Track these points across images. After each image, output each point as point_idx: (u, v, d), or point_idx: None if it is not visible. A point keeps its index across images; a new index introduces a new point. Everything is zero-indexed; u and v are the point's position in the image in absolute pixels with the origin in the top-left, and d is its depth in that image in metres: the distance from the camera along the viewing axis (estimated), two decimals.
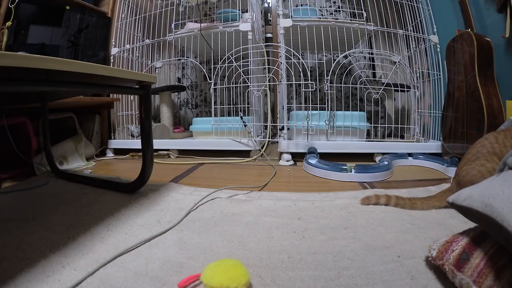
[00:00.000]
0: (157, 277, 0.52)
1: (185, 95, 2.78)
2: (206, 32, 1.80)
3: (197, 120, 1.98)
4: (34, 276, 0.53)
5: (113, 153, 1.96)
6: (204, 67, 2.07)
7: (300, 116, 1.62)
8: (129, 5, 2.11)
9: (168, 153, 1.82)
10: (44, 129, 1.36)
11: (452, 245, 0.51)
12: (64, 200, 0.98)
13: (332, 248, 0.62)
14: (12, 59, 0.51)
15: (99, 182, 1.18)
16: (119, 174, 1.36)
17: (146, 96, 1.00)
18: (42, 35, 1.55)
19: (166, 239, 0.68)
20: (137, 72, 1.08)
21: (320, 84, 1.76)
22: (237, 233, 0.70)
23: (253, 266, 0.55)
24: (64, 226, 0.75)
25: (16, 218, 0.82)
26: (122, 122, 2.06)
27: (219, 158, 1.69)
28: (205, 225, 0.75)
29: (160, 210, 0.86)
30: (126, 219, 0.79)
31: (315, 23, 1.63)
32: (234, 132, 1.73)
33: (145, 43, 2.07)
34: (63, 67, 0.62)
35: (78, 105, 1.81)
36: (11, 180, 1.30)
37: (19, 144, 1.39)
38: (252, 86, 1.70)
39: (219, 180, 1.24)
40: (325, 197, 0.95)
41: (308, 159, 1.38)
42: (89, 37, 1.84)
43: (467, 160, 0.86)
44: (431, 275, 0.51)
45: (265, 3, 2.56)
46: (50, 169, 1.39)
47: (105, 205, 0.90)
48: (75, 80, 0.74)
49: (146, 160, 1.02)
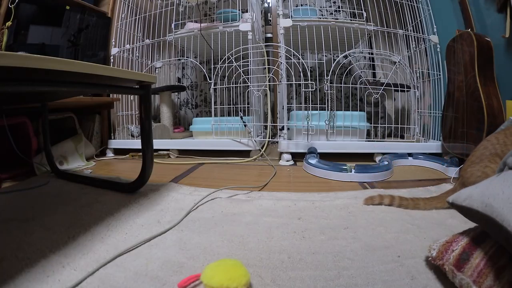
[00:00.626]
0: (157, 277, 0.52)
1: (185, 95, 2.78)
2: (206, 32, 1.80)
3: (197, 120, 1.98)
4: (34, 276, 0.53)
5: (113, 153, 1.96)
6: (204, 67, 2.07)
7: (300, 116, 1.62)
8: (129, 5, 2.11)
9: (168, 153, 1.82)
10: (44, 129, 1.36)
11: (452, 245, 0.51)
12: (64, 200, 0.98)
13: (332, 248, 0.62)
14: (12, 59, 0.51)
15: (99, 182, 1.18)
16: (119, 174, 1.36)
17: (146, 96, 1.00)
18: (42, 35, 1.55)
19: (166, 239, 0.68)
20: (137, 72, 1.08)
21: (320, 84, 1.76)
22: (237, 233, 0.70)
23: (253, 266, 0.55)
24: (64, 226, 0.75)
25: (16, 218, 0.81)
26: (122, 122, 2.06)
27: (219, 158, 1.69)
28: (205, 225, 0.75)
29: (160, 210, 0.86)
30: (126, 219, 0.79)
31: (315, 23, 1.63)
32: (234, 132, 1.73)
33: (145, 43, 2.07)
34: (63, 67, 0.62)
35: (78, 105, 1.81)
36: (11, 180, 1.30)
37: (19, 144, 1.39)
38: (252, 86, 1.70)
39: (219, 180, 1.24)
40: (325, 197, 0.95)
41: (308, 159, 1.38)
42: (89, 37, 1.84)
43: (471, 163, 0.86)
44: (431, 275, 0.51)
45: (265, 3, 2.56)
46: (50, 169, 1.39)
47: (105, 205, 0.90)
48: (75, 80, 0.74)
49: (146, 160, 1.02)
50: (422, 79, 1.83)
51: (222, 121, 1.76)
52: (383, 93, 1.65)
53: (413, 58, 1.89)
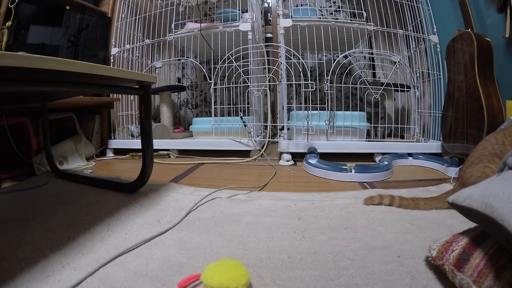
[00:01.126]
0: (157, 277, 0.52)
1: (185, 95, 2.78)
2: (206, 32, 1.80)
3: (197, 120, 1.98)
4: (34, 276, 0.53)
5: (113, 153, 1.97)
6: (204, 67, 2.07)
7: (300, 116, 1.62)
8: (129, 5, 2.12)
9: (168, 153, 1.83)
10: (44, 129, 1.36)
11: (452, 245, 0.51)
12: (64, 200, 0.98)
13: (332, 248, 0.62)
14: (13, 59, 0.52)
15: (99, 182, 1.18)
16: (119, 174, 1.36)
17: (146, 96, 1.00)
18: (42, 35, 1.56)
19: (166, 239, 0.68)
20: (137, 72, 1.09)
21: (320, 84, 1.76)
22: (237, 233, 0.70)
23: (253, 266, 0.55)
24: (64, 226, 0.75)
25: (16, 218, 0.82)
26: (122, 122, 2.06)
27: (219, 158, 1.69)
28: (205, 225, 0.75)
29: (160, 210, 0.86)
30: (126, 219, 0.79)
31: (315, 23, 1.63)
32: (234, 132, 1.74)
33: (145, 43, 2.08)
34: (63, 67, 0.63)
35: (78, 105, 1.81)
36: (11, 180, 1.30)
37: (19, 144, 1.40)
38: (252, 86, 1.70)
39: (219, 180, 1.24)
40: (325, 197, 0.95)
41: (308, 159, 1.38)
42: (89, 37, 1.84)
43: (470, 163, 0.87)
44: (431, 275, 0.52)
45: (265, 3, 2.56)
46: (50, 169, 1.39)
47: (105, 205, 0.91)
48: (76, 80, 0.74)
49: (146, 160, 1.02)
50: (422, 79, 1.83)
51: (222, 121, 1.76)
52: (383, 93, 1.65)
53: (413, 58, 1.89)
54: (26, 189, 1.12)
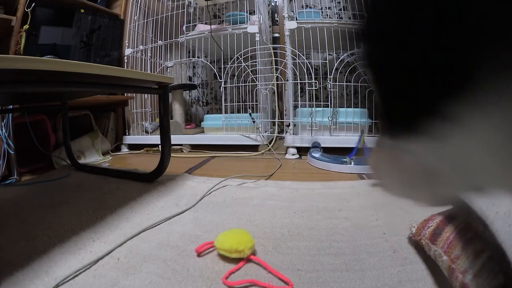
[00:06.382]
0: (177, 246, 0.62)
1: (196, 93, 2.87)
2: (216, 34, 1.89)
3: (208, 117, 2.09)
4: (67, 249, 0.61)
5: (127, 148, 2.07)
6: (214, 66, 2.16)
7: (305, 112, 1.70)
8: (140, 7, 2.20)
9: (181, 148, 1.93)
10: (64, 125, 1.44)
11: (428, 223, 0.59)
12: (88, 188, 1.09)
13: (326, 225, 0.71)
14: (47, 64, 0.61)
15: (118, 173, 1.28)
16: (136, 167, 1.46)
17: (164, 95, 1.10)
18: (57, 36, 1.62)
19: (184, 218, 0.78)
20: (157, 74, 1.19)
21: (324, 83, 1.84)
22: (245, 213, 0.80)
23: (258, 238, 0.65)
24: (91, 209, 0.85)
25: (43, 205, 0.90)
26: (136, 119, 2.16)
27: (229, 152, 1.78)
28: (217, 207, 0.85)
29: (177, 196, 0.96)
30: (147, 203, 0.90)
31: (318, 25, 1.70)
32: (243, 128, 1.83)
33: (158, 44, 2.17)
34: (94, 71, 0.72)
35: (95, 103, 1.88)
36: (30, 173, 1.38)
37: (37, 140, 1.47)
38: (260, 84, 1.78)
39: (229, 171, 1.32)
40: (325, 186, 1.04)
41: (312, 153, 1.46)
42: (102, 38, 1.91)
43: None
44: (411, 250, 0.59)
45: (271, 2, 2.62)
46: (69, 162, 1.48)
47: (127, 192, 1.01)
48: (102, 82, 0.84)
49: (164, 151, 1.13)
50: None
51: (232, 118, 1.85)
52: None
53: None
54: (47, 181, 1.21)
